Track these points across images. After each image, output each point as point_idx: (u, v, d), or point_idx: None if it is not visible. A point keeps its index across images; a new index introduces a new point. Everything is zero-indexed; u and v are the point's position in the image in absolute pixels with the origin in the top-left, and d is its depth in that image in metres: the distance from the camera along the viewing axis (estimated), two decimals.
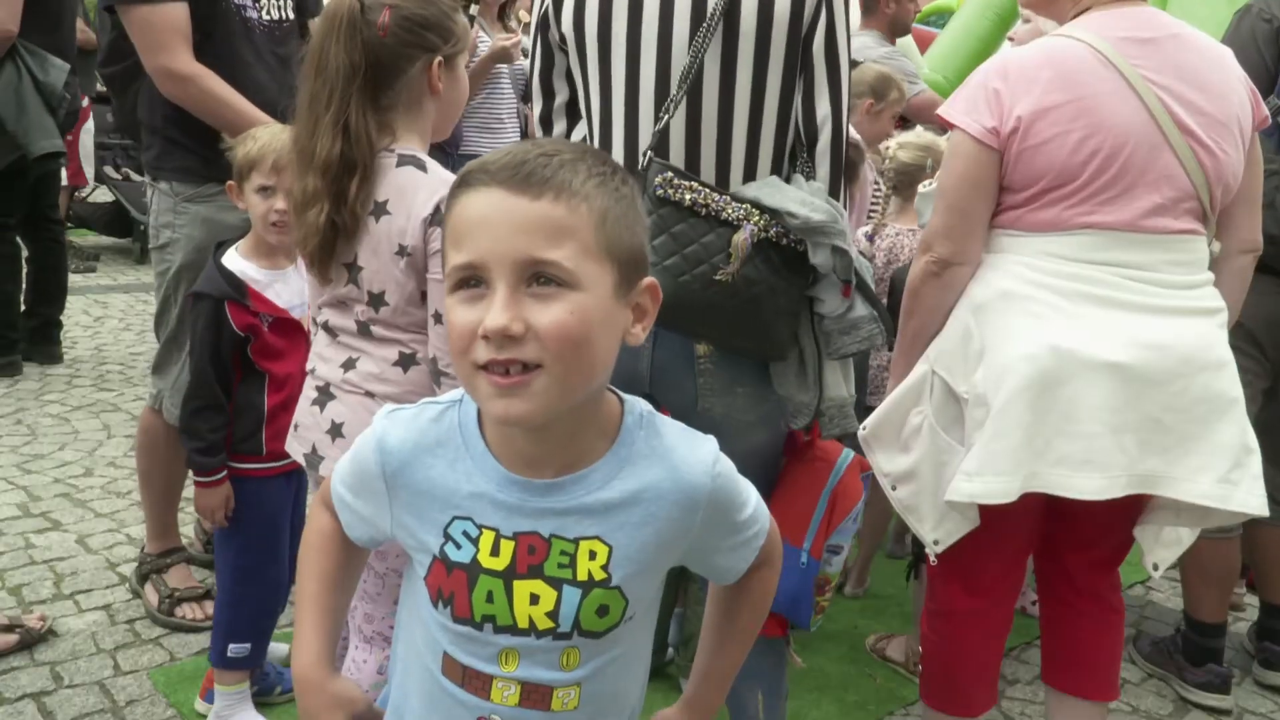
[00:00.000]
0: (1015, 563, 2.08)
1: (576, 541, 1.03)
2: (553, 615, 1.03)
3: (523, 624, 1.03)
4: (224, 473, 2.24)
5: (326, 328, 1.86)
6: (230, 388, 2.24)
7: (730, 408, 1.75)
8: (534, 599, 1.03)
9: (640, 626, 1.12)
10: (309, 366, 1.90)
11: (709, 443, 1.11)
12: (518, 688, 1.05)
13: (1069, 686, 2.12)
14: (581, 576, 1.03)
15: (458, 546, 1.05)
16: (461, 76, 1.87)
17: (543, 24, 1.81)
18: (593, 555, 1.03)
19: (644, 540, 1.05)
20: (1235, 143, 1.89)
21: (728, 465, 1.11)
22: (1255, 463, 1.86)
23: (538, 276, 0.94)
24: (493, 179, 0.95)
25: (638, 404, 1.10)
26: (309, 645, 1.16)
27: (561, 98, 1.85)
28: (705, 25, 1.66)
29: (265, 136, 2.22)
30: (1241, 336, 2.57)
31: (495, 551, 1.03)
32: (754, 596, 1.23)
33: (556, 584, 1.03)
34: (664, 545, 1.07)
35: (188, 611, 2.78)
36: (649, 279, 1.03)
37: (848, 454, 1.84)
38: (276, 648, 2.65)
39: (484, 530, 1.04)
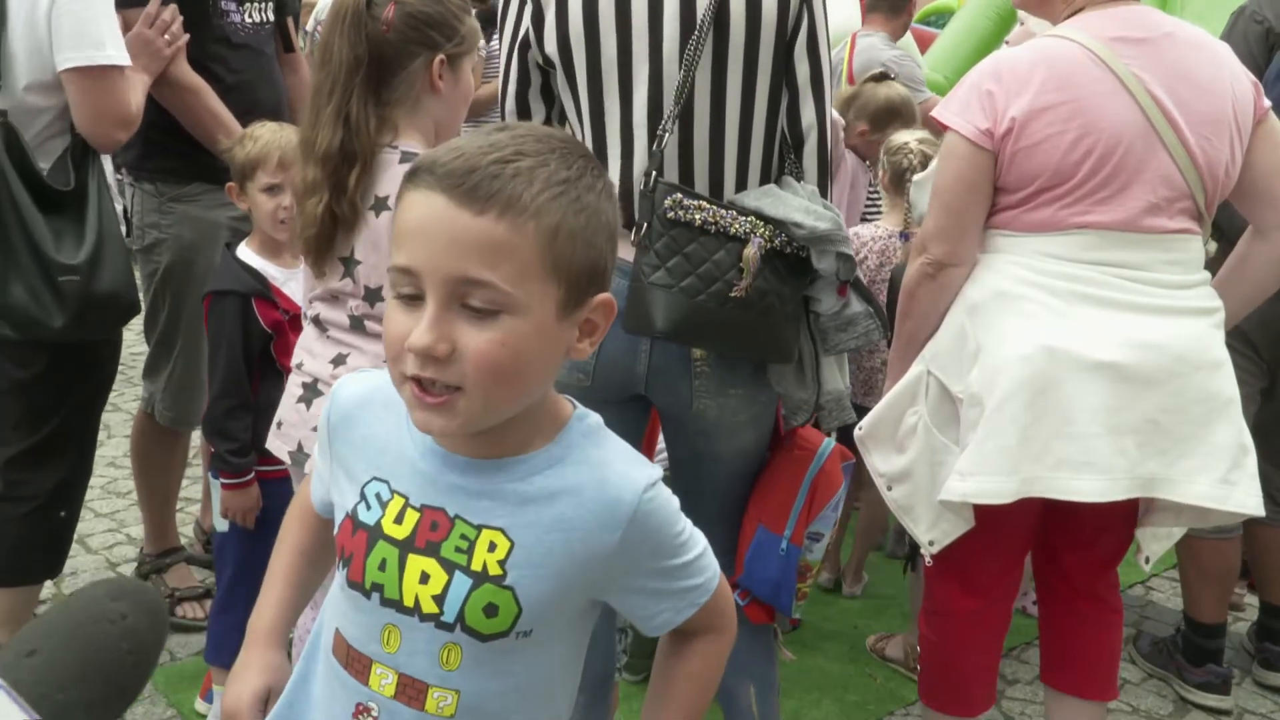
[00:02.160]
0: (1013, 562, 2.08)
1: (479, 529, 0.99)
2: (439, 600, 0.98)
3: (408, 601, 0.99)
4: (253, 474, 2.23)
5: (317, 321, 1.86)
6: (254, 386, 2.23)
7: (723, 409, 1.76)
8: (424, 577, 0.99)
9: (548, 661, 1.04)
10: (294, 362, 1.90)
11: (651, 469, 1.04)
12: (395, 678, 1.01)
13: (1068, 686, 2.12)
14: (476, 566, 0.98)
15: (368, 507, 1.03)
16: (466, 77, 1.87)
17: (523, 46, 1.79)
18: (492, 547, 0.98)
19: (550, 546, 0.98)
20: (1230, 139, 1.88)
21: (666, 498, 1.04)
22: (1251, 462, 1.86)
23: (472, 296, 0.90)
24: (439, 183, 0.90)
25: (590, 416, 1.06)
26: (268, 612, 1.16)
27: (538, 119, 1.84)
28: (696, 35, 1.65)
29: (266, 135, 2.22)
30: (1236, 337, 2.57)
31: (399, 520, 1.01)
32: (694, 667, 1.12)
33: (449, 568, 0.98)
34: (573, 559, 0.99)
35: (188, 610, 2.78)
36: (603, 296, 0.98)
37: (829, 443, 1.85)
38: None
39: (395, 496, 1.02)
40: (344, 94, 1.71)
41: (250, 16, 2.73)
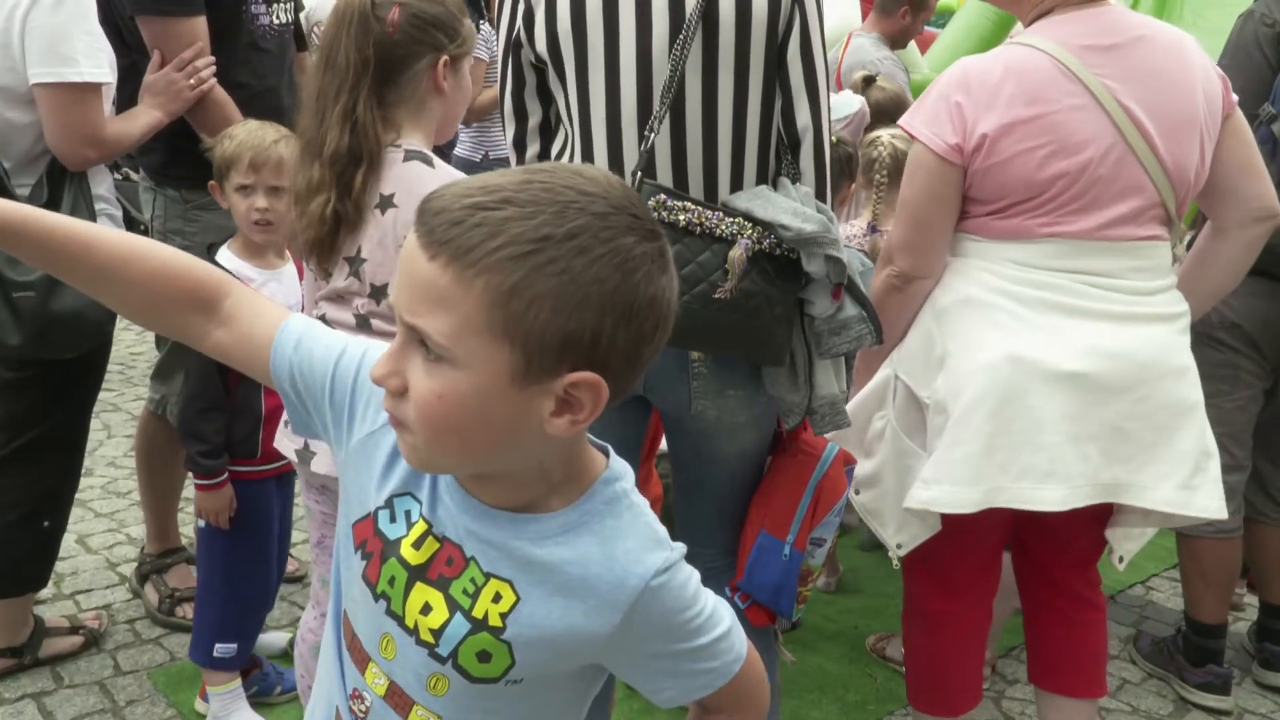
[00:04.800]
0: (988, 565, 2.08)
1: (489, 577, 0.96)
2: (436, 634, 0.97)
3: (409, 623, 0.98)
4: (226, 475, 2.24)
5: (324, 322, 1.86)
6: (230, 388, 2.23)
7: (723, 410, 1.76)
8: (426, 609, 0.97)
9: (539, 704, 1.02)
10: None
11: (666, 552, 0.97)
12: (387, 682, 1.01)
13: (1056, 686, 2.12)
14: (478, 613, 0.96)
15: (392, 519, 1.00)
16: (466, 77, 1.88)
17: (515, 46, 1.79)
18: (497, 598, 0.95)
19: (550, 611, 0.95)
20: (1199, 140, 1.87)
21: (681, 583, 0.98)
22: (1214, 466, 1.86)
23: (423, 341, 0.86)
24: (420, 217, 0.86)
25: (621, 480, 1.00)
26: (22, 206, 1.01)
27: (535, 120, 1.84)
28: (684, 33, 1.65)
29: (242, 134, 2.20)
30: (1239, 339, 2.57)
31: (418, 544, 0.98)
32: None
33: (453, 607, 0.96)
34: (570, 630, 0.95)
35: (188, 611, 2.78)
36: (587, 375, 0.86)
37: (833, 447, 1.84)
38: (273, 638, 2.65)
39: (421, 520, 0.99)
40: (351, 96, 1.72)
41: (278, 18, 2.71)
